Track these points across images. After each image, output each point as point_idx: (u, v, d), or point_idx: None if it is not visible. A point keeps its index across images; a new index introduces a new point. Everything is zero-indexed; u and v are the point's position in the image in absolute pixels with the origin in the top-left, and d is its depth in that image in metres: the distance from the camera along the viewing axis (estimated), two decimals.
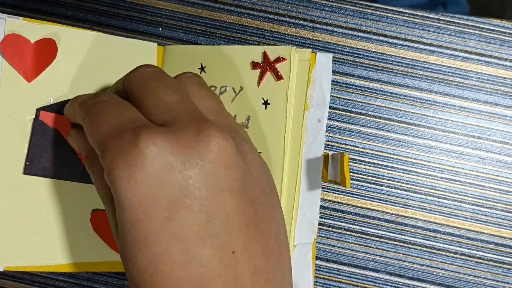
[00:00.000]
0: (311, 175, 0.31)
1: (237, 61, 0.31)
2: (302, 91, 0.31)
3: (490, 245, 0.34)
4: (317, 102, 0.31)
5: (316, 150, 0.31)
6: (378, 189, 0.34)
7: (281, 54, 0.31)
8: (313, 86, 0.31)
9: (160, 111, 0.22)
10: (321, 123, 0.31)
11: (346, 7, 0.35)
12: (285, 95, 0.30)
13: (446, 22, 0.35)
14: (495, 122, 0.35)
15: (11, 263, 0.29)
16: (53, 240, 0.30)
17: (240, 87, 0.31)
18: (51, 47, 0.30)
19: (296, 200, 0.30)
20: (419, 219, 0.34)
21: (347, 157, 0.27)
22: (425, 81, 0.35)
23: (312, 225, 0.30)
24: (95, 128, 0.22)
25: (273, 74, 0.30)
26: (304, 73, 0.31)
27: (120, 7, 0.35)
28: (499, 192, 0.35)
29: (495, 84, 0.35)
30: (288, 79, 0.30)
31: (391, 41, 0.35)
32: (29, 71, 0.29)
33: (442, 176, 0.35)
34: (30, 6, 0.34)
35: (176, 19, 0.35)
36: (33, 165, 0.29)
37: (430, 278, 0.34)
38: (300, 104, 0.31)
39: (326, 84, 0.31)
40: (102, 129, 0.22)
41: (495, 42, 0.35)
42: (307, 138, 0.31)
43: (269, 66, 0.31)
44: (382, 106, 0.35)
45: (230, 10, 0.35)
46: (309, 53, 0.31)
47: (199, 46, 0.33)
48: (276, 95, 0.30)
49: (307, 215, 0.30)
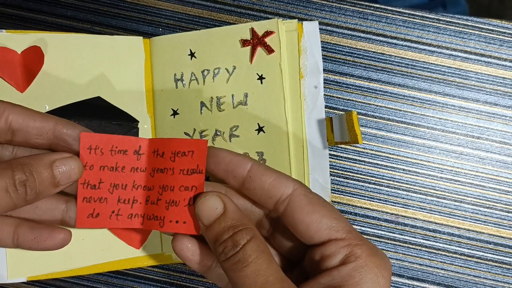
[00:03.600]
0: (316, 140, 0.31)
1: (226, 41, 0.32)
2: (295, 61, 0.32)
3: (490, 245, 0.34)
4: (311, 69, 0.32)
5: (317, 116, 0.31)
6: (378, 189, 0.34)
7: (268, 27, 0.31)
8: (304, 54, 0.32)
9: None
10: (318, 89, 0.32)
11: (346, 7, 0.35)
12: (279, 67, 0.31)
13: (445, 22, 0.35)
14: (494, 122, 0.35)
15: (33, 272, 0.29)
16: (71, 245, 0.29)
17: (233, 67, 0.31)
18: (38, 55, 0.30)
19: (306, 167, 0.31)
20: (418, 219, 0.34)
21: (355, 114, 0.28)
22: (424, 81, 0.35)
23: (325, 189, 0.31)
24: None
25: (264, 49, 0.31)
26: (294, 43, 0.32)
27: (120, 7, 0.35)
28: (499, 192, 0.35)
29: (494, 84, 0.35)
30: (279, 51, 0.31)
31: (391, 41, 0.35)
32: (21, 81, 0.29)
33: (442, 176, 0.35)
34: (30, 6, 0.34)
35: (176, 19, 0.35)
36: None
37: (430, 278, 0.34)
38: (294, 74, 0.32)
39: (316, 51, 0.32)
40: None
41: (495, 43, 0.35)
42: (306, 106, 0.31)
43: (259, 41, 0.31)
44: (382, 106, 0.35)
45: (230, 10, 0.35)
46: (295, 23, 0.32)
47: (185, 32, 0.32)
48: (270, 68, 0.31)
49: (319, 180, 0.31)
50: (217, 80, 0.31)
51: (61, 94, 0.30)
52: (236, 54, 0.31)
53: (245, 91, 0.31)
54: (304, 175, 0.31)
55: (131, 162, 0.25)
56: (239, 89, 0.31)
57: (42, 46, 0.30)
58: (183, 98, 0.32)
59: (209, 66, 0.31)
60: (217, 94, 0.31)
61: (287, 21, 0.32)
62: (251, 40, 0.31)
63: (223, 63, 0.31)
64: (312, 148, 0.31)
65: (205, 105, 0.31)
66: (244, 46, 0.31)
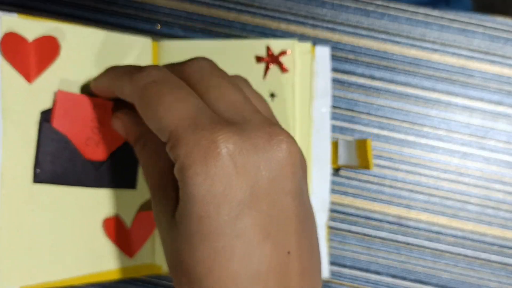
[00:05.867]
0: (320, 162, 0.32)
1: (240, 55, 0.32)
2: (306, 83, 0.32)
3: (494, 247, 0.34)
4: (321, 92, 0.32)
5: (323, 138, 0.32)
6: (380, 190, 0.34)
7: (284, 47, 0.31)
8: (315, 77, 0.32)
9: (228, 108, 0.23)
10: (326, 112, 0.32)
11: (348, 4, 0.35)
12: (292, 87, 0.31)
13: (449, 19, 0.35)
14: (499, 121, 0.34)
15: (26, 282, 0.27)
16: (67, 253, 0.28)
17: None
18: (52, 45, 0.29)
19: (310, 186, 0.31)
20: (422, 221, 0.34)
21: (369, 143, 0.29)
22: (428, 79, 0.34)
23: (324, 209, 0.32)
24: (161, 113, 0.22)
25: (278, 67, 0.31)
26: (306, 65, 0.32)
27: (117, 4, 0.34)
28: (504, 193, 0.34)
29: (499, 82, 0.35)
30: (293, 70, 0.31)
31: (394, 39, 0.35)
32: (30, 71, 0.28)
33: (446, 177, 0.34)
34: (26, 3, 0.34)
35: (175, 16, 0.34)
36: (44, 172, 0.27)
37: (434, 280, 0.34)
38: (304, 95, 0.32)
39: (326, 76, 0.32)
40: (171, 117, 0.21)
41: (499, 41, 0.35)
42: (313, 127, 0.32)
43: (274, 60, 0.31)
44: (385, 105, 0.34)
45: (229, 7, 0.34)
46: (309, 46, 0.32)
47: (196, 41, 0.32)
48: (282, 87, 0.31)
49: (319, 199, 0.32)
50: None
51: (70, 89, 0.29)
52: (249, 69, 0.31)
53: None
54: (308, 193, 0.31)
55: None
56: None
57: (59, 37, 0.29)
58: None
59: None
60: None
61: (301, 43, 0.32)
62: (266, 57, 0.31)
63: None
64: (316, 169, 0.32)
65: None
66: (259, 62, 0.31)
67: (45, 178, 0.27)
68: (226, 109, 0.23)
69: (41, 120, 0.28)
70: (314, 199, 0.32)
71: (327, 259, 0.32)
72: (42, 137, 0.27)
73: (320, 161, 0.32)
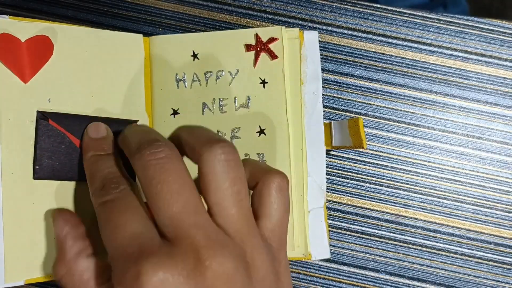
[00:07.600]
0: (314, 144, 0.32)
1: (230, 45, 0.32)
2: (296, 68, 0.32)
3: (490, 245, 0.34)
4: (311, 76, 0.33)
5: (316, 120, 0.32)
6: (378, 189, 0.34)
7: (272, 34, 0.32)
8: (304, 62, 0.33)
9: (164, 222, 0.22)
10: (317, 95, 0.33)
11: (346, 8, 0.35)
12: (282, 73, 0.32)
13: (446, 22, 0.35)
14: (495, 122, 0.35)
15: (30, 275, 0.28)
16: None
17: (236, 70, 0.32)
18: (46, 45, 0.29)
19: (305, 169, 0.32)
20: (419, 219, 0.34)
21: (361, 121, 0.29)
22: (425, 81, 0.35)
23: (321, 190, 0.32)
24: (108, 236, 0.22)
25: (268, 54, 0.32)
26: (295, 50, 0.33)
27: (120, 7, 0.35)
28: (499, 192, 0.35)
29: (495, 84, 0.35)
30: (282, 57, 0.32)
31: (391, 41, 0.35)
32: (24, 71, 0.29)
33: (442, 176, 0.35)
34: (30, 6, 0.34)
35: (177, 19, 0.35)
36: (43, 168, 0.28)
37: (430, 278, 0.34)
38: (295, 80, 0.32)
39: (316, 59, 0.33)
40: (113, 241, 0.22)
41: (495, 43, 0.35)
42: (306, 111, 0.32)
43: (263, 47, 0.32)
44: (382, 106, 0.35)
45: (230, 10, 0.35)
46: (297, 31, 0.33)
47: (187, 34, 0.33)
48: (272, 73, 0.32)
49: (316, 181, 0.32)
50: (220, 83, 0.31)
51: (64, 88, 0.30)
52: (239, 58, 0.32)
53: (248, 94, 0.31)
54: (303, 176, 0.31)
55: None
56: (242, 92, 0.31)
57: (51, 36, 0.29)
58: (185, 99, 0.32)
59: (212, 68, 0.32)
60: (220, 96, 0.31)
61: (290, 29, 0.32)
62: (255, 45, 0.32)
63: (227, 66, 0.32)
64: (311, 151, 0.32)
65: (207, 106, 0.32)
66: (248, 51, 0.32)
67: (44, 174, 0.28)
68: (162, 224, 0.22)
69: (37, 118, 0.28)
70: (311, 182, 0.32)
71: (327, 240, 0.32)
72: (39, 134, 0.28)
73: (314, 144, 0.32)
